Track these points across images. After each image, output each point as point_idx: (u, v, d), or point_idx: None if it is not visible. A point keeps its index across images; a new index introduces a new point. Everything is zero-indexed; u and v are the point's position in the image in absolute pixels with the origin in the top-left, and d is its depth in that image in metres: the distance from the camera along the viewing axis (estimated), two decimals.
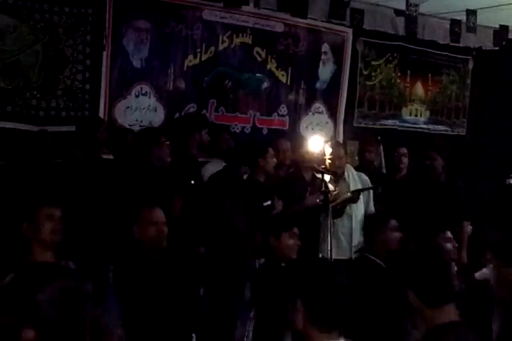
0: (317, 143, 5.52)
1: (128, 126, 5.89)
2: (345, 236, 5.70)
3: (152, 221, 3.90)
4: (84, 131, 5.23)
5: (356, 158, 6.91)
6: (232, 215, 5.35)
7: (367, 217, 5.30)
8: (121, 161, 5.34)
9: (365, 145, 6.69)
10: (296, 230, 4.46)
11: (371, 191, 5.91)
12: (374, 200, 5.94)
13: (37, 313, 1.97)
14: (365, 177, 5.93)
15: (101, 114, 5.77)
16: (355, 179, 5.84)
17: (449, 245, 4.47)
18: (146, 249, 3.87)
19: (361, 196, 5.76)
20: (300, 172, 5.87)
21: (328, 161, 5.61)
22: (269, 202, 5.48)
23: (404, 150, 6.58)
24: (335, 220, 5.54)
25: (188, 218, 5.10)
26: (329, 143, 5.85)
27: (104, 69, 5.75)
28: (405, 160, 6.55)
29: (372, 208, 5.88)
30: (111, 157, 5.53)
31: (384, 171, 7.17)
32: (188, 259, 4.37)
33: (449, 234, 4.56)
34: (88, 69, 5.71)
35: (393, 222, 4.68)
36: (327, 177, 5.51)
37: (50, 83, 5.53)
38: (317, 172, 5.70)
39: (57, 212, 3.66)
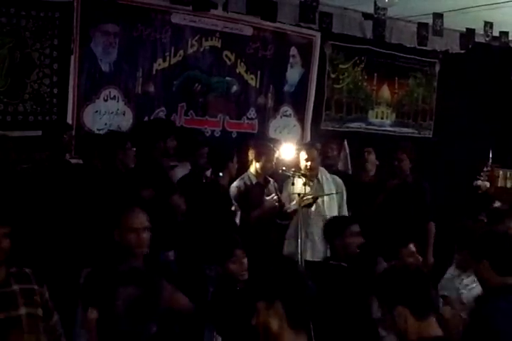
0: (289, 150, 5.59)
1: (96, 130, 5.86)
2: (320, 238, 5.74)
3: (131, 227, 3.61)
4: (50, 136, 5.18)
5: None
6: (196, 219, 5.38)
7: (326, 221, 5.12)
8: (89, 166, 5.31)
9: (328, 143, 6.76)
10: (238, 252, 4.09)
11: (344, 193, 5.97)
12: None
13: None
14: (339, 180, 5.97)
15: (69, 119, 5.72)
16: (329, 181, 5.88)
17: (411, 260, 4.48)
18: (125, 254, 3.60)
19: (334, 198, 5.82)
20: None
21: (302, 164, 5.68)
22: (232, 208, 5.53)
23: (369, 149, 6.62)
24: (309, 222, 5.64)
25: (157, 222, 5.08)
26: (302, 145, 5.91)
27: (72, 73, 5.69)
28: (370, 158, 6.57)
29: (345, 210, 5.93)
30: (80, 161, 5.48)
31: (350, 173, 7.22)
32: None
33: (411, 247, 4.58)
34: (56, 73, 5.65)
35: (354, 228, 4.62)
36: (300, 181, 5.57)
37: (16, 87, 5.46)
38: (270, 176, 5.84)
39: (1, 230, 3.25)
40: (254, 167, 5.88)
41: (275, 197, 5.65)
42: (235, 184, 5.80)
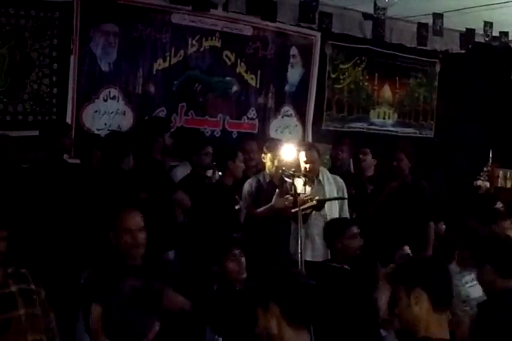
0: (290, 150, 5.57)
1: (96, 130, 5.85)
2: (320, 238, 5.71)
3: (127, 228, 3.61)
4: (49, 136, 5.15)
5: (325, 161, 6.96)
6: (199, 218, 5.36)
7: (326, 223, 5.14)
8: (90, 166, 5.29)
9: (338, 145, 6.74)
10: (235, 251, 4.04)
11: (345, 194, 5.94)
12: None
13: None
14: (340, 180, 5.92)
15: (68, 119, 5.71)
16: (330, 182, 5.84)
17: None
18: (123, 256, 3.62)
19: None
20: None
21: (302, 165, 5.64)
22: (239, 206, 5.50)
23: (365, 150, 6.60)
24: (309, 222, 5.61)
25: (158, 222, 5.07)
26: (302, 146, 5.89)
27: (71, 73, 5.69)
28: (365, 158, 6.55)
29: (346, 212, 5.91)
30: (77, 161, 5.46)
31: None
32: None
33: (406, 249, 4.57)
34: (55, 73, 5.66)
35: (353, 229, 4.63)
36: (300, 181, 5.54)
37: (16, 87, 5.47)
38: (286, 176, 5.75)
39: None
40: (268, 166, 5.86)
41: (290, 198, 5.54)
42: (248, 181, 5.77)
